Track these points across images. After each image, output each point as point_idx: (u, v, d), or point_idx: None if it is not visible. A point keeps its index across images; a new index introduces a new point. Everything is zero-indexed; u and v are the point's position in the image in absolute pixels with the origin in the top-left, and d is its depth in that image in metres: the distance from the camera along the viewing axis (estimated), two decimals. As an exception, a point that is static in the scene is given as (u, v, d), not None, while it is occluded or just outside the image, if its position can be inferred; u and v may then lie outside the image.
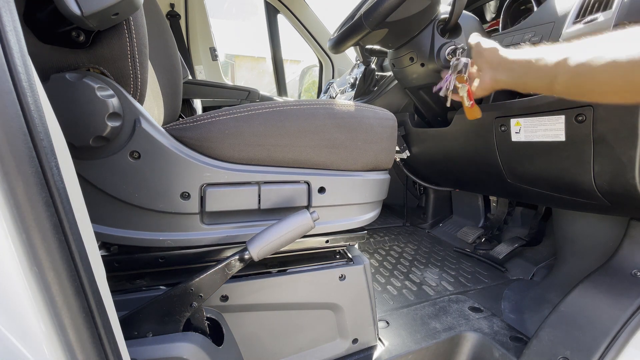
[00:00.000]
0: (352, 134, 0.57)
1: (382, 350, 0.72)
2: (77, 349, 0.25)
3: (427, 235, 1.50)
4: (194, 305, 0.48)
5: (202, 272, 0.47)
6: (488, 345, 0.74)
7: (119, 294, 0.50)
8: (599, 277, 0.74)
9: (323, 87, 2.23)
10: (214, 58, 2.44)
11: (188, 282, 0.47)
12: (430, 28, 0.89)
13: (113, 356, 0.28)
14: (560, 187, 0.79)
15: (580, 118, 0.67)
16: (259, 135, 0.51)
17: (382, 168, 0.64)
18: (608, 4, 0.66)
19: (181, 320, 0.48)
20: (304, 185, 0.55)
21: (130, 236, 0.47)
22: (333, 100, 0.58)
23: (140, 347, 0.43)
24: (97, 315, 0.27)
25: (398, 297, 0.95)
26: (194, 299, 0.48)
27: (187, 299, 0.47)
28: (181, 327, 0.48)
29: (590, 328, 0.64)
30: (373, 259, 1.23)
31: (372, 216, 0.65)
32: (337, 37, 0.92)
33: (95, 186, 0.44)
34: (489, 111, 0.88)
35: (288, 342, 0.63)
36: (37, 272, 0.23)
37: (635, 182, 0.64)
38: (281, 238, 0.47)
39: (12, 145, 0.22)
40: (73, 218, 0.26)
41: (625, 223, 0.79)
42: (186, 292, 0.47)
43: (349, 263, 0.65)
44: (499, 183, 0.99)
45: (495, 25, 1.05)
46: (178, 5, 2.28)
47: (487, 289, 1.00)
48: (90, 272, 0.27)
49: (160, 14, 0.80)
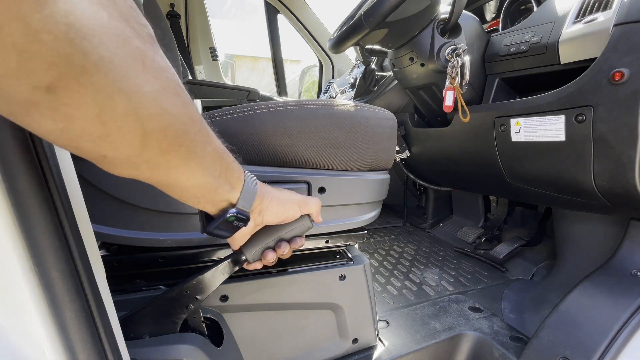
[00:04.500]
0: (352, 134, 0.57)
1: (382, 350, 0.72)
2: (77, 349, 0.25)
3: (427, 235, 1.50)
4: (190, 307, 0.48)
5: (198, 274, 0.47)
6: (488, 345, 0.74)
7: (119, 294, 0.50)
8: (599, 277, 0.74)
9: (323, 87, 2.23)
10: (214, 58, 2.44)
11: (183, 284, 0.47)
12: (430, 28, 0.89)
13: (113, 356, 0.28)
14: (560, 187, 0.79)
15: (580, 118, 0.67)
16: (259, 135, 0.51)
17: (382, 168, 0.64)
18: (608, 4, 0.66)
19: (177, 322, 0.48)
20: (304, 185, 0.55)
21: (130, 236, 0.47)
22: (333, 100, 0.58)
23: (139, 348, 0.43)
24: (97, 315, 0.27)
25: (398, 297, 0.95)
26: (189, 301, 0.47)
27: (182, 301, 0.47)
28: (178, 328, 0.48)
29: (590, 328, 0.64)
30: (373, 259, 1.23)
31: (372, 216, 0.65)
32: (337, 37, 0.92)
33: (95, 186, 0.44)
34: (488, 111, 0.88)
35: (288, 342, 0.63)
36: (38, 272, 0.23)
37: (635, 182, 0.64)
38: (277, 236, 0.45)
39: (13, 146, 0.22)
40: (73, 218, 0.26)
41: (625, 223, 0.79)
42: (181, 294, 0.47)
43: (349, 263, 0.65)
44: (499, 183, 0.99)
45: (495, 25, 1.05)
46: (178, 5, 2.28)
47: (487, 289, 1.00)
48: (90, 272, 0.27)
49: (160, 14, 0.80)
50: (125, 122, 0.21)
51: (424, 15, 0.86)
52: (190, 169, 0.28)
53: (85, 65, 0.18)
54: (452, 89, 0.86)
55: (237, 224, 0.37)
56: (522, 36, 0.82)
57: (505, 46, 0.86)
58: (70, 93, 0.18)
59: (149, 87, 0.22)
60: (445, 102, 0.87)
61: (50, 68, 0.17)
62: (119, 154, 0.23)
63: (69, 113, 0.19)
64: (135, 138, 0.22)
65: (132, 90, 0.21)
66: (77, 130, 0.20)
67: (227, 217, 0.35)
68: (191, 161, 0.27)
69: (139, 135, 0.22)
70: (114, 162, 0.23)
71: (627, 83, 0.59)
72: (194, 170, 0.28)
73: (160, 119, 0.23)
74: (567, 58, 0.72)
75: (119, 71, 0.19)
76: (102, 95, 0.19)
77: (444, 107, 0.87)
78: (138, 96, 0.21)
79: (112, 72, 0.19)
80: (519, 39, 0.82)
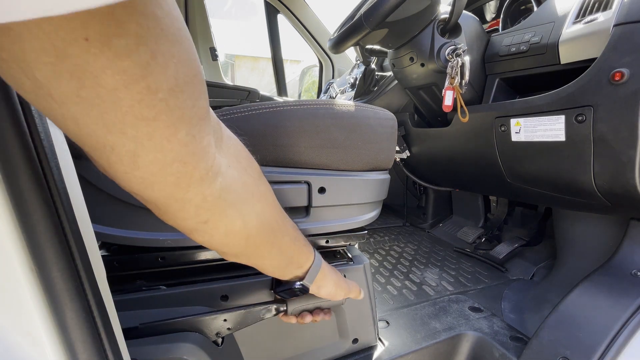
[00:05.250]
0: (352, 134, 0.57)
1: (382, 350, 0.72)
2: (78, 349, 0.25)
3: (427, 235, 1.50)
4: (219, 334, 0.49)
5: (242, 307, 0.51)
6: (488, 345, 0.74)
7: (119, 294, 0.50)
8: (599, 277, 0.74)
9: (323, 87, 2.23)
10: (214, 58, 2.44)
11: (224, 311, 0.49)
12: (430, 28, 0.89)
13: (113, 356, 0.28)
14: (560, 187, 0.79)
15: (580, 118, 0.67)
16: (258, 135, 0.51)
17: (382, 168, 0.64)
18: (608, 4, 0.66)
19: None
20: (304, 185, 0.55)
21: (130, 236, 0.47)
22: (333, 100, 0.58)
23: (140, 347, 0.43)
24: (97, 316, 0.27)
25: (398, 297, 0.95)
26: (222, 328, 0.49)
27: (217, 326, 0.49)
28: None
29: (591, 328, 0.64)
30: (373, 259, 1.23)
31: (372, 216, 0.65)
32: (337, 37, 0.92)
33: (95, 186, 0.44)
34: (489, 111, 0.88)
35: (288, 342, 0.63)
36: (38, 272, 0.23)
37: (635, 182, 0.64)
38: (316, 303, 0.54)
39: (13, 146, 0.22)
40: (73, 218, 0.26)
41: (625, 223, 0.79)
42: (219, 320, 0.49)
43: (349, 263, 0.65)
44: (499, 183, 0.99)
45: (495, 25, 1.05)
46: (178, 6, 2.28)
47: (487, 289, 1.00)
48: (91, 272, 0.27)
49: (160, 14, 0.79)
50: (239, 233, 0.32)
51: (424, 16, 0.86)
52: (273, 255, 0.38)
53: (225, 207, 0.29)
54: (451, 88, 0.86)
55: (298, 293, 0.47)
56: (522, 36, 0.82)
57: (505, 46, 0.86)
58: (214, 223, 0.29)
59: (256, 210, 0.32)
60: (444, 102, 0.87)
61: (208, 212, 0.28)
62: (232, 250, 0.34)
63: (212, 233, 0.30)
64: (242, 240, 0.33)
65: (245, 213, 0.31)
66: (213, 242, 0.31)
67: (293, 287, 0.46)
68: (273, 249, 0.38)
69: (244, 238, 0.33)
70: (227, 255, 0.35)
71: (627, 83, 0.60)
72: (275, 255, 0.39)
73: (259, 227, 0.33)
74: (567, 58, 0.72)
75: (240, 204, 0.30)
76: (229, 220, 0.30)
77: (443, 106, 0.88)
78: (248, 215, 0.31)
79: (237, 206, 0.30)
80: (519, 39, 0.82)
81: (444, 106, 0.87)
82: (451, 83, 0.85)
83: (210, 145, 0.25)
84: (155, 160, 0.21)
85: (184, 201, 0.25)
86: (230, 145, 0.31)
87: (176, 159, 0.22)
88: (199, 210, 0.27)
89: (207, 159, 0.24)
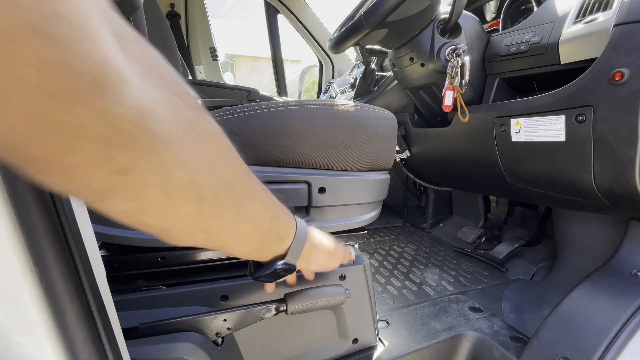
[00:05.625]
0: (352, 134, 0.57)
1: (382, 350, 0.72)
2: (78, 349, 0.25)
3: (427, 235, 1.50)
4: (219, 334, 0.49)
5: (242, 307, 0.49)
6: (488, 345, 0.74)
7: (119, 294, 0.50)
8: (599, 277, 0.74)
9: (323, 87, 2.23)
10: (214, 58, 2.44)
11: (224, 312, 0.49)
12: (430, 28, 0.89)
13: (113, 356, 0.28)
14: (560, 187, 0.79)
15: (580, 118, 0.67)
16: (259, 135, 0.51)
17: (382, 168, 0.64)
18: (608, 4, 0.66)
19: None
20: (304, 185, 0.55)
21: (130, 236, 0.47)
22: (333, 100, 0.58)
23: (140, 347, 0.43)
24: (97, 316, 0.27)
25: (398, 297, 0.95)
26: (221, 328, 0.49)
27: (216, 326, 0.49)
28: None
29: (591, 328, 0.64)
30: (373, 259, 1.23)
31: (372, 216, 0.65)
32: (337, 37, 0.92)
33: (95, 186, 0.44)
34: (489, 111, 0.88)
35: (288, 342, 0.63)
36: (38, 272, 0.23)
37: (635, 182, 0.64)
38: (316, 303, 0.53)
39: (12, 146, 0.22)
40: (73, 218, 0.26)
41: (625, 223, 0.79)
42: (218, 319, 0.48)
43: (349, 263, 0.65)
44: (499, 183, 0.99)
45: (495, 25, 1.05)
46: (178, 5, 2.29)
47: (487, 289, 1.00)
48: (91, 272, 0.27)
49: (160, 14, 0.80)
50: (186, 192, 0.22)
51: (424, 15, 0.86)
52: (242, 227, 0.28)
53: (153, 144, 0.18)
54: (451, 88, 0.86)
55: (283, 274, 0.38)
56: (522, 36, 0.82)
57: (506, 46, 0.86)
58: (140, 173, 0.19)
59: (203, 153, 0.22)
60: (444, 102, 0.87)
61: (125, 152, 0.17)
62: (179, 224, 0.23)
63: (139, 192, 0.19)
64: (193, 206, 0.23)
65: (190, 160, 0.21)
66: (145, 207, 0.20)
67: (275, 269, 0.37)
68: (242, 219, 0.28)
69: (196, 202, 0.23)
70: (174, 233, 0.24)
71: (627, 83, 0.60)
72: (245, 228, 0.29)
73: (213, 184, 0.24)
74: (567, 58, 0.72)
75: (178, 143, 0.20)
76: (166, 170, 0.20)
77: (443, 106, 0.88)
78: (195, 164, 0.22)
79: (174, 145, 0.20)
80: (519, 39, 0.82)
81: (444, 106, 0.87)
82: (451, 83, 0.85)
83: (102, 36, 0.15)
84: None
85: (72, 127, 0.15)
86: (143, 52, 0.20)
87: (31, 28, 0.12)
88: (109, 148, 0.16)
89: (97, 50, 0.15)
